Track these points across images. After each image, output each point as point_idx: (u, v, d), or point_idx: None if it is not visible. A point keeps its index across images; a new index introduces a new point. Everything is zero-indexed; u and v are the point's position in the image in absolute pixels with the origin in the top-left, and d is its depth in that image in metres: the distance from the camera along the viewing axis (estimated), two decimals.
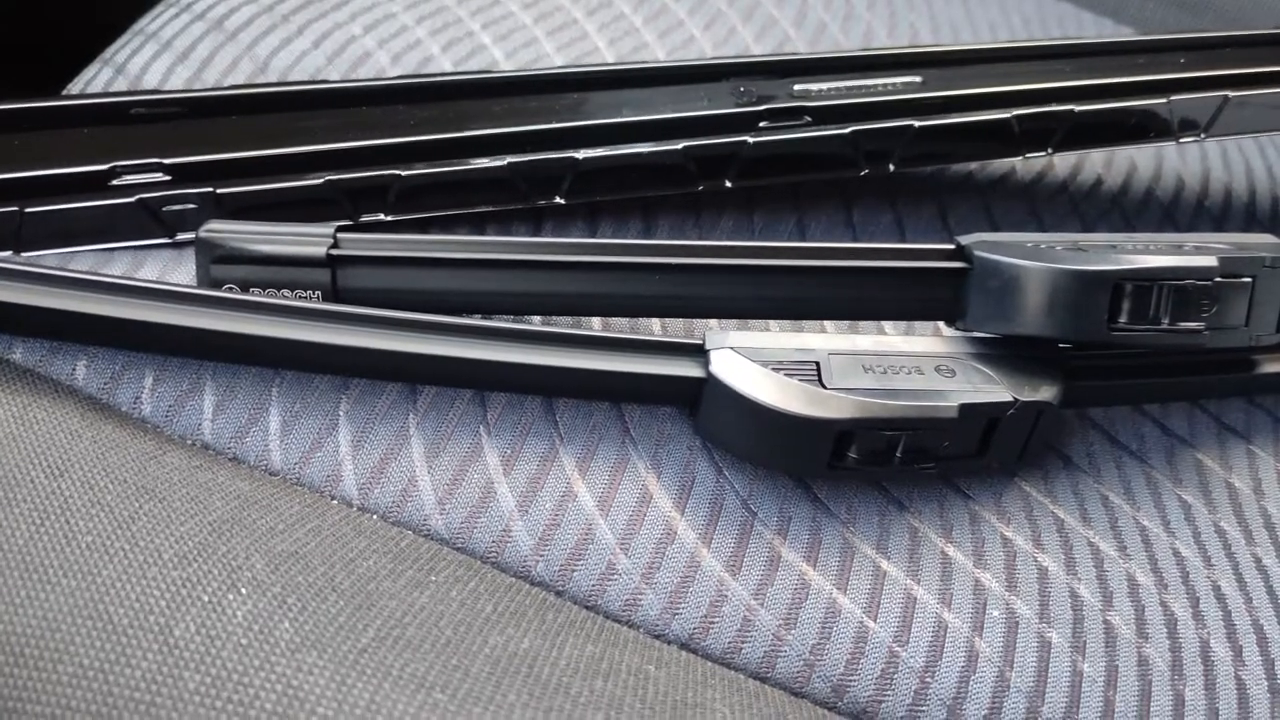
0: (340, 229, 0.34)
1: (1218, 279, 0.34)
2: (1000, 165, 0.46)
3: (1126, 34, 0.57)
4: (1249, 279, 0.35)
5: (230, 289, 0.34)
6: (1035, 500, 0.37)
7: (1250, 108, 0.42)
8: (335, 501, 0.33)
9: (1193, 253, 0.35)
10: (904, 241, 0.43)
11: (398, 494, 0.33)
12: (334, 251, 0.34)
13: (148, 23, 0.45)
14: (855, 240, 0.43)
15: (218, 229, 0.34)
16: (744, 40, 0.49)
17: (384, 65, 0.44)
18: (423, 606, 0.28)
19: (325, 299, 0.34)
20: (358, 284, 0.34)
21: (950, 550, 0.35)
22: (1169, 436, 0.40)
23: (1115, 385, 0.38)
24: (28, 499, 0.28)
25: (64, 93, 0.43)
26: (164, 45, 0.43)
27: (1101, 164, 0.47)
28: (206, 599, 0.26)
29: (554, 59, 0.46)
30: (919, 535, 0.35)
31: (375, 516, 0.33)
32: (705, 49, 0.48)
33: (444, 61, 0.44)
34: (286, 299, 0.33)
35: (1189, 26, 0.58)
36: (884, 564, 0.34)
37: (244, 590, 0.27)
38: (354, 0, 0.46)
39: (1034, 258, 0.34)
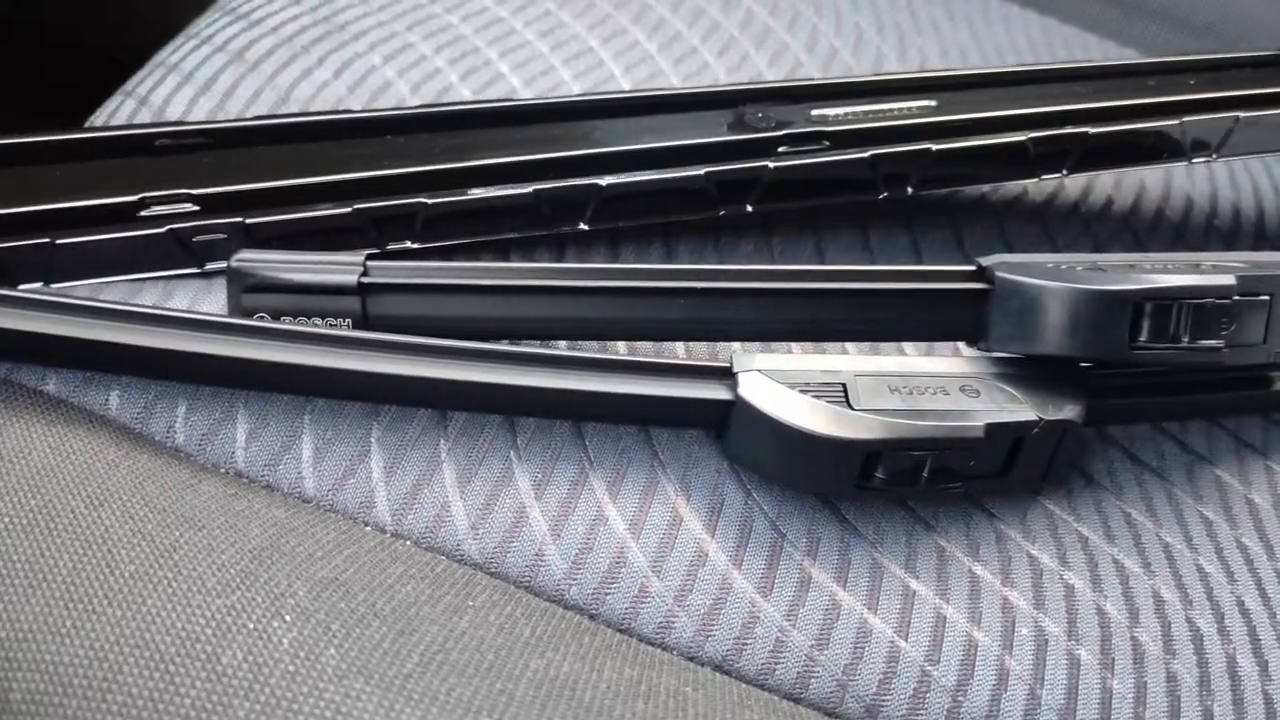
0: (370, 257, 0.35)
1: (1236, 297, 0.34)
2: (1013, 187, 0.46)
3: (1132, 56, 0.57)
4: (1267, 297, 0.35)
5: (261, 317, 0.34)
6: (1060, 518, 0.37)
7: (1260, 128, 0.43)
8: (369, 528, 0.33)
9: (1210, 271, 0.35)
10: (920, 263, 0.44)
11: (431, 520, 0.33)
12: (365, 280, 0.34)
13: (168, 54, 0.45)
14: (873, 262, 0.43)
15: (249, 258, 0.34)
16: (757, 66, 0.49)
17: (404, 94, 0.44)
18: (463, 631, 0.29)
19: (355, 326, 0.34)
20: (388, 311, 0.34)
21: (978, 569, 0.35)
22: (1188, 454, 0.40)
23: (1135, 403, 0.39)
24: (69, 529, 0.29)
25: (88, 125, 0.43)
26: (186, 77, 0.44)
27: (1112, 184, 0.48)
28: (252, 626, 0.26)
29: (571, 86, 0.46)
30: (946, 554, 0.35)
31: (409, 542, 0.33)
32: (719, 75, 0.49)
33: (463, 90, 0.45)
34: (317, 327, 0.34)
35: (1193, 48, 0.59)
36: (913, 583, 0.35)
37: (288, 617, 0.27)
38: (372, 31, 0.46)
39: (1055, 278, 0.34)
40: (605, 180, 0.38)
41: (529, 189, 0.38)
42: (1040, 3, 0.59)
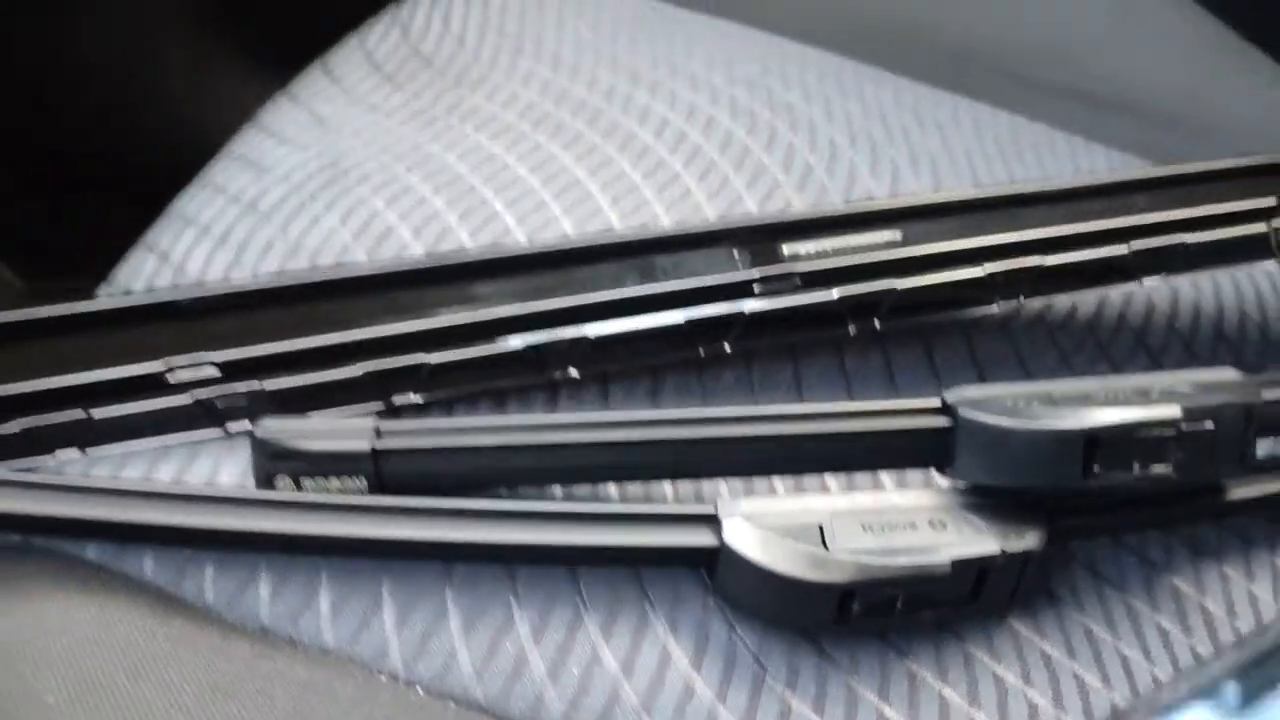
0: (380, 415, 0.38)
1: (1182, 427, 0.37)
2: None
3: (1097, 152, 0.60)
4: (1211, 424, 0.38)
5: (283, 479, 0.37)
6: (1024, 637, 0.40)
7: (1208, 249, 0.46)
8: (384, 677, 0.36)
9: (1159, 400, 0.38)
10: (894, 384, 0.46)
11: (439, 667, 0.36)
12: (377, 445, 0.37)
13: (185, 204, 0.49)
14: (849, 386, 0.46)
15: (272, 429, 0.37)
16: (736, 189, 0.52)
17: (406, 239, 0.47)
18: None
19: (370, 484, 0.37)
20: (400, 469, 0.37)
21: (946, 691, 0.38)
22: (1146, 565, 0.43)
23: (1094, 520, 0.41)
24: (112, 704, 0.32)
25: (111, 279, 0.46)
26: (203, 231, 0.47)
27: (1076, 296, 0.51)
28: None
29: (562, 221, 0.49)
30: (917, 679, 0.38)
31: (420, 689, 0.36)
32: (701, 200, 0.52)
33: (461, 231, 0.48)
34: (335, 492, 0.37)
35: (1160, 143, 0.61)
36: (886, 710, 0.37)
37: None
38: (375, 174, 0.50)
39: (1013, 415, 0.37)
40: (591, 332, 0.42)
41: (521, 344, 0.41)
42: (1010, 102, 0.62)
